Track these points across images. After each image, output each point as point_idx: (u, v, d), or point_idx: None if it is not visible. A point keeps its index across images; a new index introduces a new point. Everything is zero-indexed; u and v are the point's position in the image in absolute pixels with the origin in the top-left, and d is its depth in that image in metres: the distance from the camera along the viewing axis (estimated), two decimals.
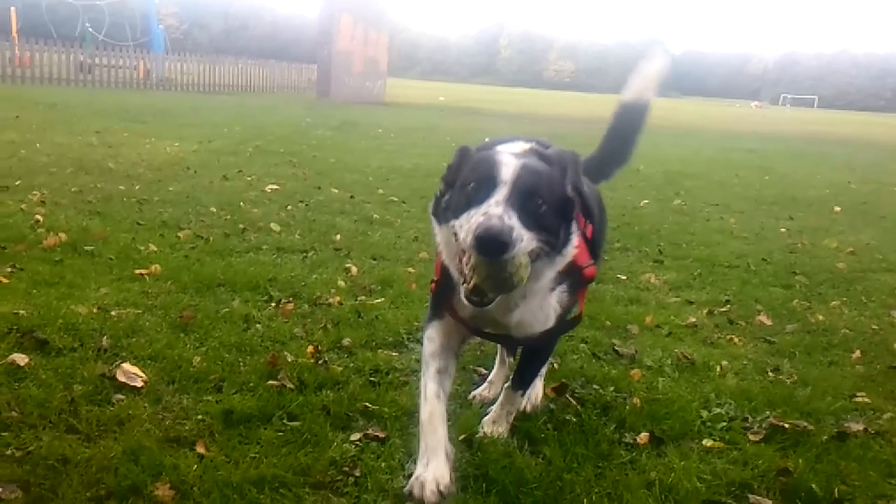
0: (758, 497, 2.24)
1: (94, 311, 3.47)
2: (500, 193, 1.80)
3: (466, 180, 1.91)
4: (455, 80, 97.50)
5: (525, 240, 1.76)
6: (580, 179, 2.08)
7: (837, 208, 8.73)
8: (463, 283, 1.88)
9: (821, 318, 4.25)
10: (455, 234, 1.86)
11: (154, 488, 2.06)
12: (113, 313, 3.46)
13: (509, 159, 1.89)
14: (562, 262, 2.00)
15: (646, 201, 8.34)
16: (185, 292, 3.92)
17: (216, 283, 4.09)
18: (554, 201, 1.89)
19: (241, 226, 5.63)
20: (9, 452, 2.22)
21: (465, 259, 1.86)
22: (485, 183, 1.83)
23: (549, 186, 1.89)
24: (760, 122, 34.43)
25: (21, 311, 3.34)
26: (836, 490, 2.26)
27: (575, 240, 2.03)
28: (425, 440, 2.12)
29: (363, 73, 27.92)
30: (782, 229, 7.24)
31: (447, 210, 1.97)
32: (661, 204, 8.32)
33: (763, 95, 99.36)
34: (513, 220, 1.74)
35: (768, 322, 4.15)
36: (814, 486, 2.26)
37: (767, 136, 23.35)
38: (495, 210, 1.75)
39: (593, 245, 2.27)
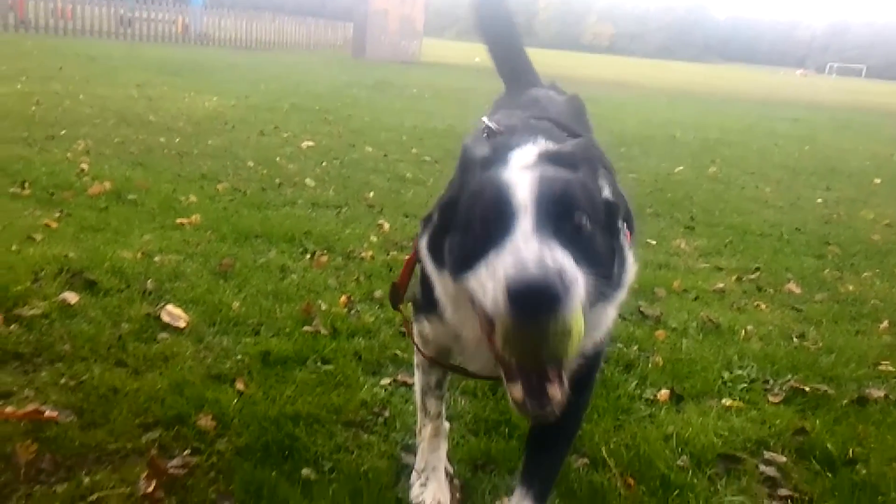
0: (773, 454, 2.31)
1: (139, 256, 3.62)
2: (524, 222, 1.24)
3: (471, 215, 1.35)
4: None
5: (580, 280, 1.19)
6: (612, 172, 1.69)
7: (877, 180, 8.55)
8: (507, 380, 1.30)
9: (851, 288, 4.24)
10: (471, 294, 1.31)
11: (197, 418, 2.20)
12: (156, 259, 3.61)
13: (520, 174, 1.36)
14: (621, 296, 1.47)
15: (680, 168, 8.26)
16: (224, 242, 4.05)
17: (254, 234, 4.23)
18: (596, 213, 1.36)
19: (277, 180, 5.75)
20: (63, 382, 2.37)
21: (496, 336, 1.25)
22: (497, 213, 1.28)
23: (586, 194, 1.37)
24: (805, 90, 33.48)
25: (70, 254, 3.50)
26: (851, 451, 2.32)
27: (631, 261, 1.51)
28: (425, 457, 2.02)
29: (399, 31, 27.69)
30: (819, 200, 7.14)
31: (452, 256, 1.40)
32: (696, 171, 8.24)
33: (809, 63, 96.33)
34: (556, 254, 1.18)
35: (797, 290, 4.16)
36: (829, 445, 2.32)
37: (812, 105, 22.72)
38: (528, 248, 1.18)
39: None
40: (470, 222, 1.34)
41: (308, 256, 3.96)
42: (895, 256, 5.08)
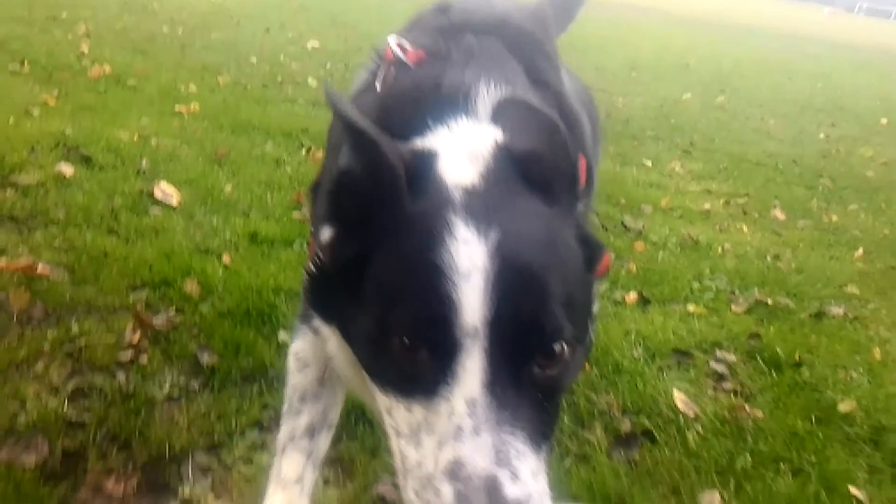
0: (725, 353, 2.44)
1: (135, 137, 3.67)
2: (472, 370, 0.84)
3: (384, 300, 0.89)
4: None
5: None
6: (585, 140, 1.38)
7: (884, 120, 8.48)
8: None
9: (835, 218, 4.31)
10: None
11: (183, 283, 2.32)
12: (153, 141, 3.67)
13: (472, 250, 0.85)
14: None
15: (688, 95, 8.19)
16: (221, 131, 4.10)
17: (251, 126, 4.26)
18: (579, 309, 0.93)
19: (279, 78, 5.73)
20: (56, 244, 2.48)
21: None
22: (430, 329, 0.85)
23: (565, 273, 0.92)
24: (829, 28, 32.50)
25: (67, 130, 3.54)
26: (798, 355, 2.45)
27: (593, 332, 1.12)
28: None
29: None
30: (821, 135, 7.12)
31: (360, 346, 0.98)
32: (703, 99, 8.17)
33: (839, 1, 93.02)
34: (520, 469, 0.81)
35: (781, 216, 4.23)
36: (779, 349, 2.45)
37: (833, 43, 22.15)
38: (477, 457, 0.81)
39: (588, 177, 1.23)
40: (386, 325, 0.87)
41: (304, 151, 4.01)
42: (885, 193, 5.13)
